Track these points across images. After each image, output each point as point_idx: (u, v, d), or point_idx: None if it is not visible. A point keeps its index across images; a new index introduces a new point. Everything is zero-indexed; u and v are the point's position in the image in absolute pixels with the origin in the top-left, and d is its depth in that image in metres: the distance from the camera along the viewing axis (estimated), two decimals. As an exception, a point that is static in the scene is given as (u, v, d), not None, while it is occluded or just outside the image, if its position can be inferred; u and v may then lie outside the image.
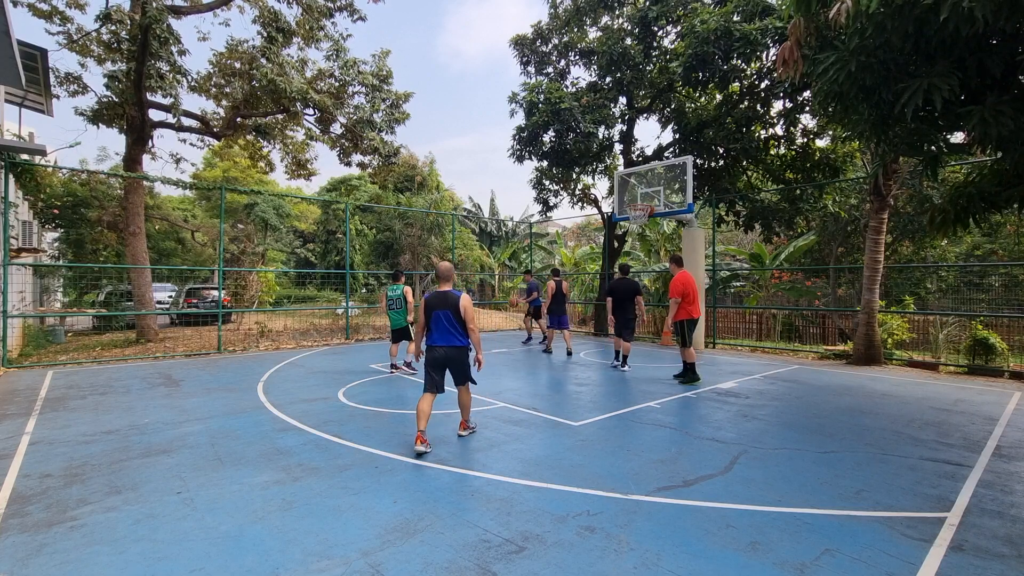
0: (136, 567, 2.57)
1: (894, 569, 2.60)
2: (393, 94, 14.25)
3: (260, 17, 11.90)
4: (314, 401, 6.14)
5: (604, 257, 15.47)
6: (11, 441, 4.61)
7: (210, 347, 10.93)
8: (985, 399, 6.68)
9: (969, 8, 3.48)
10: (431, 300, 4.52)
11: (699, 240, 11.78)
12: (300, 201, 32.06)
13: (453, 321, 4.46)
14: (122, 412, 5.62)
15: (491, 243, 33.04)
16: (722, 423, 5.36)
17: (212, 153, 27.58)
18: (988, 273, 15.22)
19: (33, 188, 13.78)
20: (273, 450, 4.35)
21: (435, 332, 4.50)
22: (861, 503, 3.38)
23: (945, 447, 4.62)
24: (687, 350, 7.41)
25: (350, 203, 16.35)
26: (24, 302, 11.67)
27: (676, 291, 7.32)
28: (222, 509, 3.22)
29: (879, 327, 9.77)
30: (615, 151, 14.89)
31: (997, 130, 3.97)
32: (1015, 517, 3.22)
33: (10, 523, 3.04)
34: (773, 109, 12.02)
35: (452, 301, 4.47)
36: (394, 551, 2.73)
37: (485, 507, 3.28)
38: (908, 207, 12.85)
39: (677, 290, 7.32)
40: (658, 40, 13.06)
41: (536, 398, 6.41)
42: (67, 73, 11.86)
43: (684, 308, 7.33)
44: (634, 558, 2.68)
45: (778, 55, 5.25)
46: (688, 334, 7.38)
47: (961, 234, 5.44)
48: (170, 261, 26.19)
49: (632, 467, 4.00)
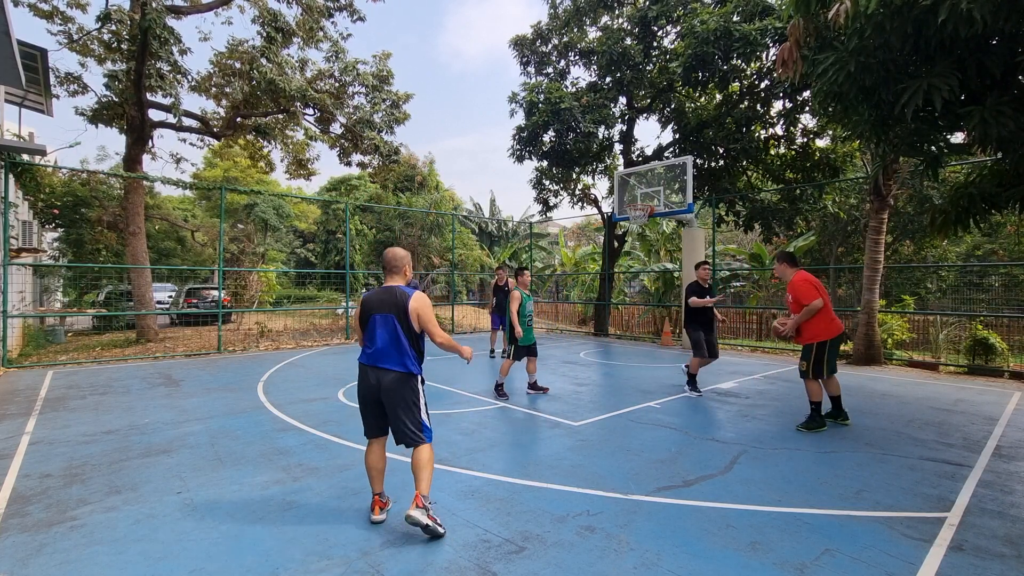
0: (136, 567, 2.57)
1: (894, 569, 2.60)
2: (393, 94, 14.27)
3: (259, 17, 11.91)
4: (314, 401, 6.14)
5: (604, 257, 15.47)
6: (11, 441, 4.61)
7: (210, 347, 10.93)
8: (985, 399, 6.68)
9: (968, 9, 3.48)
10: (368, 299, 3.09)
11: (699, 240, 11.79)
12: (300, 201, 32.08)
13: (399, 331, 2.98)
14: (122, 412, 5.62)
15: (491, 243, 33.01)
16: (722, 423, 5.36)
17: (212, 153, 27.60)
18: (988, 273, 15.22)
19: (33, 188, 13.79)
20: (273, 450, 4.35)
21: (368, 347, 3.04)
22: (861, 503, 3.38)
23: (945, 447, 4.62)
24: (816, 383, 5.11)
25: (350, 203, 16.35)
26: (24, 302, 11.67)
27: (809, 294, 5.01)
28: (222, 509, 3.22)
29: (879, 327, 9.77)
30: (615, 151, 14.90)
31: (997, 130, 3.97)
32: (1015, 517, 3.22)
33: (10, 523, 3.04)
34: (773, 109, 12.03)
35: (399, 302, 3.00)
36: (394, 551, 2.73)
37: (485, 507, 3.28)
38: (908, 207, 12.86)
39: (810, 293, 5.01)
40: (658, 40, 13.07)
41: (536, 398, 6.41)
42: (67, 73, 11.89)
43: (821, 321, 5.03)
44: (634, 558, 2.68)
45: (778, 55, 5.25)
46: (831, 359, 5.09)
47: (961, 234, 5.43)
48: (170, 261, 26.18)
49: (632, 467, 4.00)
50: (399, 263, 3.16)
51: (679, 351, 11.37)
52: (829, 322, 5.07)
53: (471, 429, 5.03)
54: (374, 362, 3.00)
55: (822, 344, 5.04)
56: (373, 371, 3.00)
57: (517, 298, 6.36)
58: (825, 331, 5.05)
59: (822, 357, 5.05)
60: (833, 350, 5.10)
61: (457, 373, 8.24)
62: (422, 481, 2.90)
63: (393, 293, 3.04)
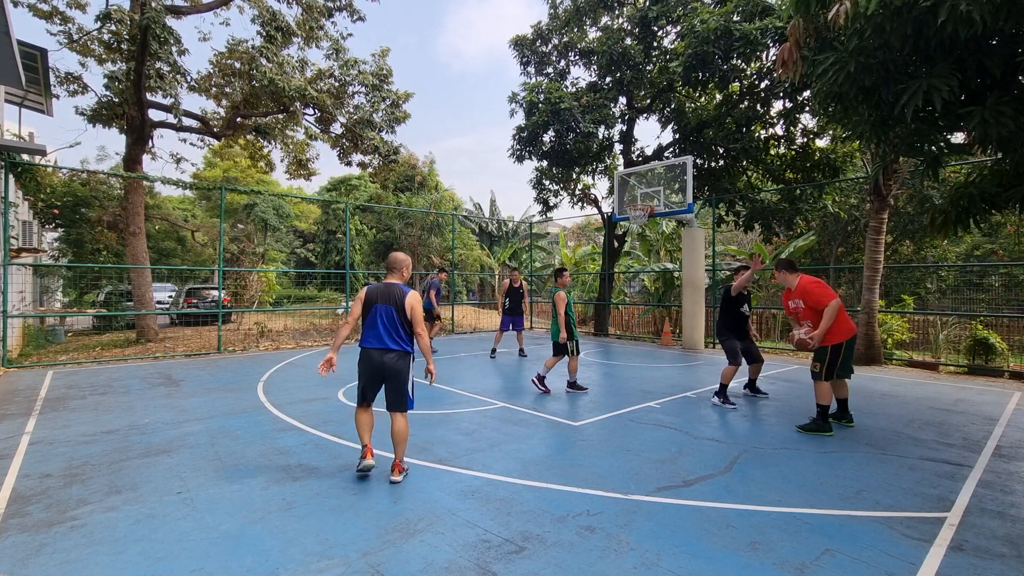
0: (136, 567, 2.57)
1: (894, 569, 2.60)
2: (393, 94, 14.26)
3: (259, 17, 11.91)
4: (314, 401, 6.14)
5: (604, 257, 15.47)
6: (11, 441, 4.61)
7: (210, 347, 10.93)
8: (985, 399, 6.68)
9: (967, 10, 3.48)
10: (372, 292, 3.73)
11: (699, 240, 11.78)
12: (300, 201, 32.07)
13: (396, 320, 3.65)
14: (122, 412, 5.62)
15: (491, 243, 32.99)
16: (722, 423, 5.36)
17: (212, 153, 27.60)
18: (988, 273, 15.23)
19: (33, 188, 13.78)
20: (273, 450, 4.35)
21: (371, 332, 3.68)
22: (861, 503, 3.38)
23: (945, 447, 4.62)
24: (827, 386, 5.06)
25: (350, 203, 16.35)
26: (24, 302, 11.67)
27: (827, 294, 5.01)
28: (222, 509, 3.22)
29: (879, 327, 9.77)
30: (615, 151, 14.90)
31: (997, 130, 3.97)
32: (1015, 517, 3.23)
33: (10, 523, 3.04)
34: (773, 109, 12.03)
35: (397, 296, 3.67)
36: (394, 551, 2.73)
37: (485, 507, 3.28)
38: (908, 207, 12.87)
39: (827, 293, 5.03)
40: (658, 40, 13.07)
41: (536, 398, 6.41)
42: (67, 73, 11.88)
43: (837, 322, 4.99)
44: (634, 558, 2.68)
45: (778, 56, 5.25)
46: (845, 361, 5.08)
47: (961, 234, 5.43)
48: (170, 261, 26.18)
49: (632, 467, 4.00)
50: (399, 265, 3.86)
51: (679, 351, 11.37)
52: (844, 323, 4.99)
53: (471, 429, 5.03)
54: (379, 344, 3.65)
55: (837, 346, 4.96)
56: (378, 352, 3.66)
57: (563, 298, 6.54)
58: (841, 332, 4.96)
59: (836, 360, 4.98)
60: (848, 352, 5.03)
61: (457, 373, 8.24)
62: (400, 451, 3.71)
63: (392, 288, 3.72)
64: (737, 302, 6.38)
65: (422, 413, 5.63)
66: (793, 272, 5.41)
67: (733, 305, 6.39)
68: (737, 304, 6.38)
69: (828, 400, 5.03)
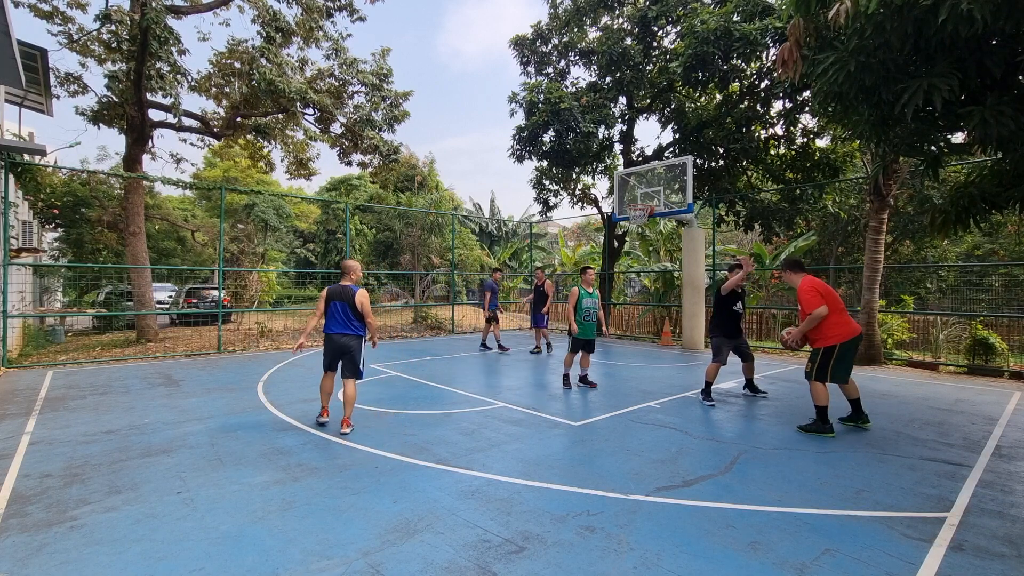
0: (136, 567, 2.57)
1: (894, 569, 2.60)
2: (393, 93, 14.26)
3: (259, 17, 11.91)
4: (314, 401, 6.14)
5: (604, 257, 15.47)
6: (11, 441, 4.61)
7: (210, 347, 10.93)
8: (985, 399, 6.68)
9: (968, 9, 3.48)
10: (331, 292, 4.97)
11: (699, 240, 11.78)
12: (300, 201, 32.06)
13: (349, 312, 4.93)
14: (122, 412, 5.62)
15: (491, 243, 33.01)
16: (722, 423, 5.36)
17: (212, 153, 27.58)
18: (988, 273, 15.23)
19: (33, 188, 13.77)
20: (273, 450, 4.35)
21: (332, 320, 4.96)
22: (861, 503, 3.38)
23: (945, 447, 4.62)
24: (821, 387, 5.01)
25: (350, 203, 16.35)
26: (24, 302, 11.67)
27: (812, 302, 4.96)
28: (222, 509, 3.22)
29: (879, 327, 9.77)
30: (615, 151, 14.89)
31: (997, 130, 3.97)
32: (1015, 517, 3.22)
33: (10, 523, 3.04)
34: (773, 109, 12.02)
35: (349, 295, 4.93)
36: (394, 551, 2.73)
37: (485, 507, 3.28)
38: (908, 207, 12.86)
39: (813, 301, 4.97)
40: (658, 40, 13.07)
41: (536, 398, 6.41)
42: (67, 73, 11.87)
43: (832, 325, 4.93)
44: (634, 558, 2.68)
45: (778, 56, 5.25)
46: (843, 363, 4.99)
47: (961, 234, 5.43)
48: (170, 261, 26.17)
49: (632, 467, 4.00)
50: (349, 270, 5.10)
51: (679, 351, 11.37)
52: (841, 325, 4.95)
53: (471, 429, 5.03)
54: (339, 330, 4.94)
55: (829, 349, 4.95)
56: (338, 336, 4.95)
57: (575, 295, 6.78)
58: (835, 335, 4.93)
59: (828, 362, 4.97)
60: (847, 354, 4.97)
61: (457, 373, 8.24)
62: (349, 405, 4.94)
63: (346, 289, 4.98)
64: (730, 300, 6.37)
65: (422, 413, 5.64)
66: (796, 272, 5.39)
67: (726, 303, 6.38)
68: (730, 302, 6.37)
69: (824, 401, 5.02)
